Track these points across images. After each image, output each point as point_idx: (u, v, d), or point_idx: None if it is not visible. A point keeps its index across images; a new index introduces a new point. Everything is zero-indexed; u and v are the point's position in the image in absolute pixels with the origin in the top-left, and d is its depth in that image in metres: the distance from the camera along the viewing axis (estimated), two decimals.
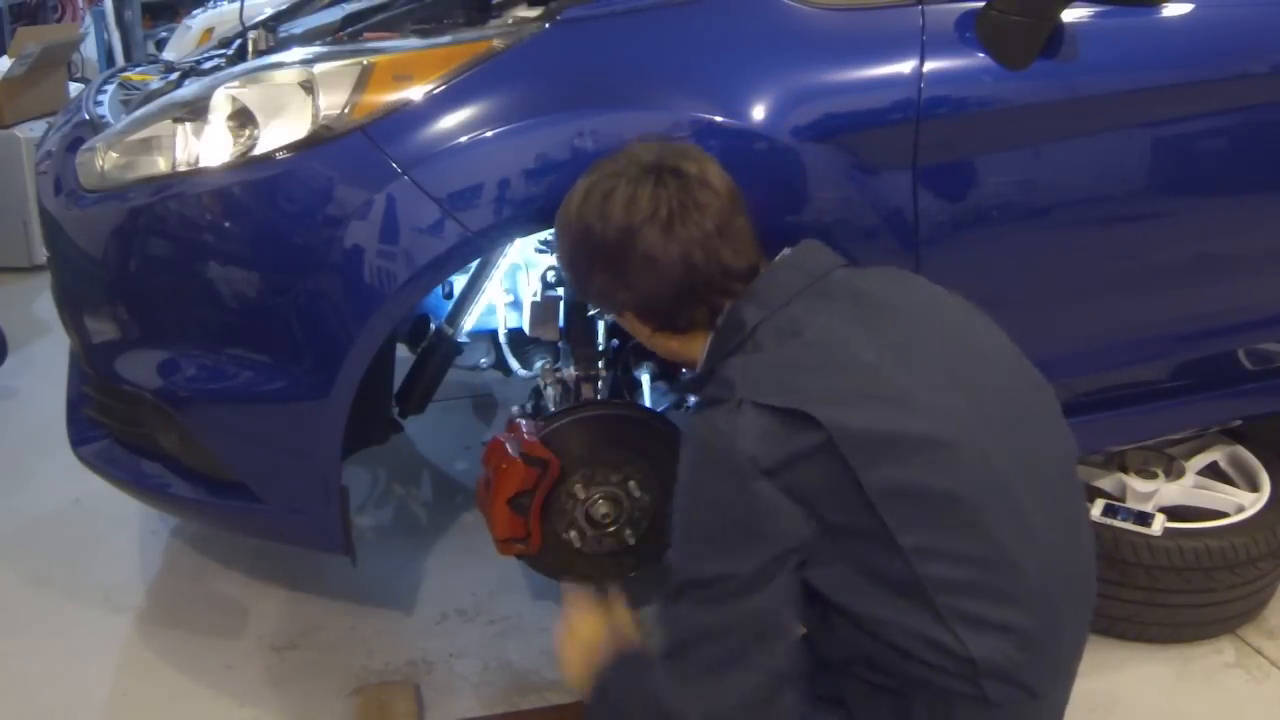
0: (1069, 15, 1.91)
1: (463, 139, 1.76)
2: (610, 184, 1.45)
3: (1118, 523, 2.19)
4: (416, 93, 1.77)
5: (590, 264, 1.47)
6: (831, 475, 1.29)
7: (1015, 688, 1.34)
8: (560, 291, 2.23)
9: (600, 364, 2.19)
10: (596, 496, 1.99)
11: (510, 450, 1.91)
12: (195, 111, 1.85)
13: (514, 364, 2.44)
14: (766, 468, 1.28)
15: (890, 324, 1.42)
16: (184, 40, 5.14)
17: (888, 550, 1.31)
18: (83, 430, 2.19)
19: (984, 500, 1.33)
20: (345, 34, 2.40)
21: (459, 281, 2.22)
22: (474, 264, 2.12)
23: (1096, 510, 2.22)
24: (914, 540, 1.30)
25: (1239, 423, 2.43)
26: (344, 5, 2.74)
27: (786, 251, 1.49)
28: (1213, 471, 2.44)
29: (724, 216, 1.44)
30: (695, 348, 1.49)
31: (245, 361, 1.85)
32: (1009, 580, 1.34)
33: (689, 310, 1.46)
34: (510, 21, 2.02)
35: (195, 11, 5.53)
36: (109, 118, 2.19)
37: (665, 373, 2.46)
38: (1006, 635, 1.33)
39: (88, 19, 6.83)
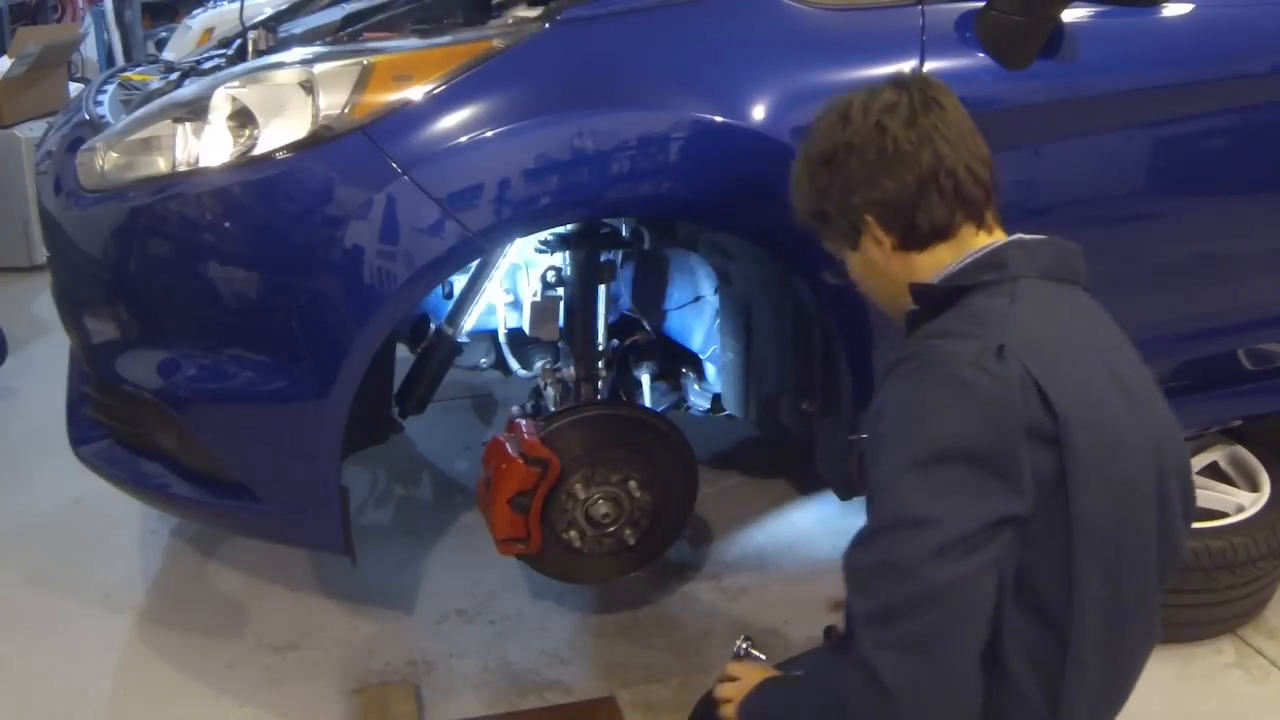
0: (1069, 15, 1.91)
1: (463, 139, 1.76)
2: (847, 99, 1.44)
3: None
4: (416, 93, 1.77)
5: (831, 168, 1.42)
6: (1050, 476, 1.23)
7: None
8: (560, 291, 2.23)
9: (600, 364, 2.19)
10: (596, 496, 1.99)
11: (510, 450, 1.92)
12: (195, 111, 1.85)
13: (514, 364, 2.44)
14: (1031, 427, 1.21)
15: (1093, 324, 1.42)
16: (184, 40, 5.13)
17: (1051, 572, 1.25)
18: (83, 430, 2.19)
19: (1134, 552, 1.30)
20: (345, 34, 2.41)
21: (459, 281, 2.22)
22: (474, 264, 2.12)
23: None
24: (1089, 581, 1.25)
25: (1239, 423, 2.43)
26: (344, 5, 2.74)
27: (1057, 238, 1.46)
28: (1213, 471, 2.44)
29: (965, 123, 1.43)
30: (926, 272, 1.42)
31: (245, 361, 1.85)
32: (1116, 650, 1.30)
33: (934, 211, 1.40)
34: (510, 21, 2.02)
35: (195, 11, 5.53)
36: (109, 118, 2.19)
37: (665, 372, 2.46)
38: (1090, 709, 1.29)
39: (88, 19, 6.83)
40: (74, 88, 4.66)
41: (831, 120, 1.43)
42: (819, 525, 2.67)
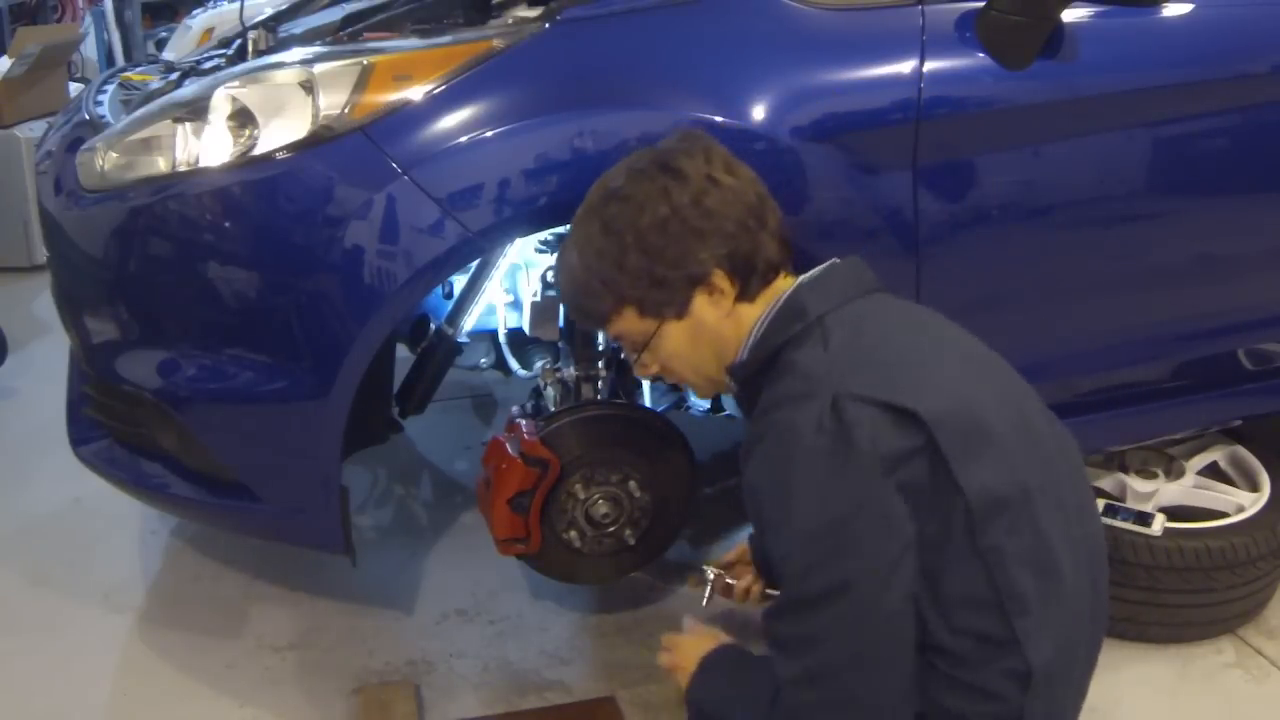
0: (1069, 15, 1.91)
1: (463, 139, 1.76)
2: (650, 164, 1.47)
3: (1118, 523, 2.19)
4: (416, 93, 1.77)
5: (666, 234, 1.43)
6: (931, 474, 1.28)
7: (1047, 701, 1.33)
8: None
9: (600, 364, 2.19)
10: (596, 496, 1.99)
11: (510, 450, 1.91)
12: (195, 111, 1.85)
13: (514, 364, 2.44)
14: (886, 460, 1.25)
15: (938, 336, 1.45)
16: (184, 40, 5.13)
17: (965, 556, 1.29)
18: (83, 430, 2.19)
19: (1040, 500, 1.34)
20: (345, 34, 2.40)
21: (459, 281, 2.21)
22: (474, 264, 2.12)
23: None
24: (990, 542, 1.29)
25: (1239, 423, 2.43)
26: (344, 5, 2.74)
27: (836, 260, 1.50)
28: (1213, 471, 2.44)
29: (754, 184, 1.48)
30: (746, 327, 1.46)
31: (245, 361, 1.85)
32: (1056, 583, 1.34)
33: (770, 250, 1.45)
34: (510, 21, 2.02)
35: (195, 11, 5.53)
36: (109, 118, 2.19)
37: None
38: (1053, 643, 1.32)
39: (88, 19, 6.82)
40: (74, 88, 4.66)
41: (653, 185, 1.44)
42: None
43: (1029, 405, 1.45)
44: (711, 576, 1.78)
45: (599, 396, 2.16)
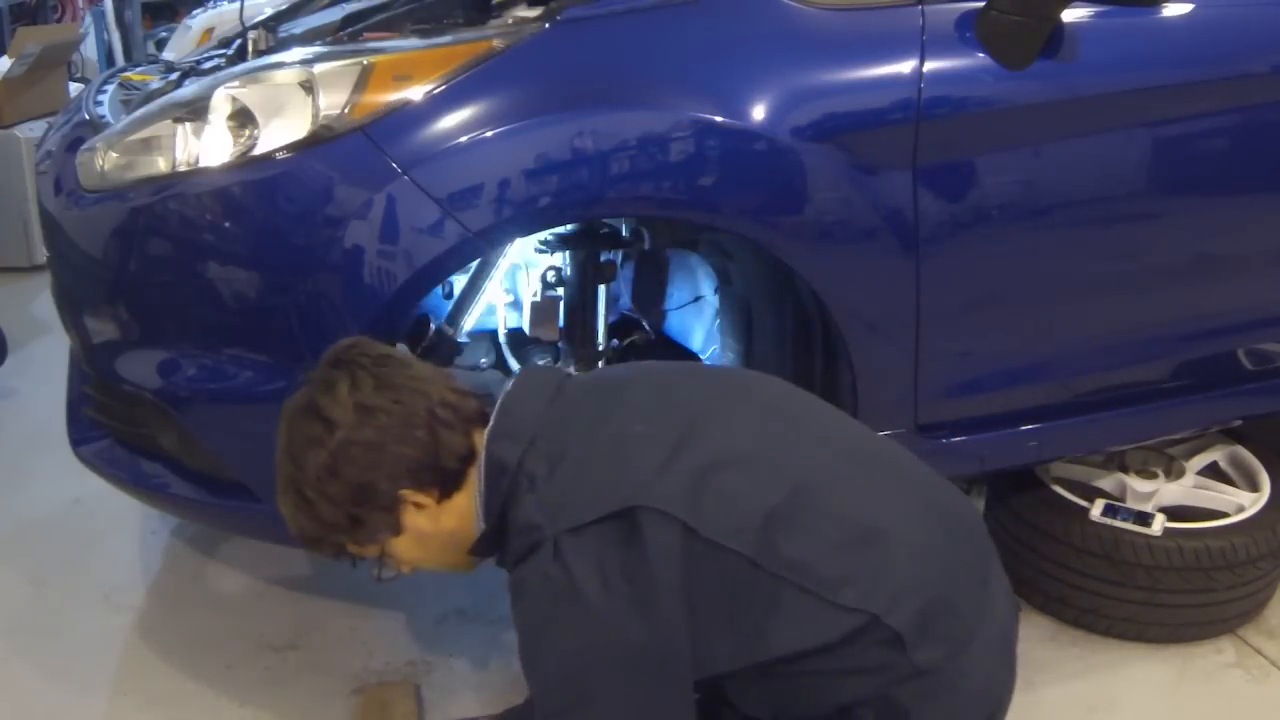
0: (1069, 15, 1.91)
1: (463, 139, 1.76)
2: (304, 408, 1.44)
3: (1118, 523, 2.19)
4: (416, 93, 1.77)
5: (340, 475, 1.40)
6: (684, 548, 1.28)
7: (941, 641, 1.34)
8: (560, 291, 2.23)
9: (600, 364, 2.19)
10: None
11: None
12: (195, 111, 1.85)
13: (514, 364, 2.44)
14: (618, 581, 1.26)
15: (635, 392, 1.45)
16: (184, 40, 5.13)
17: (765, 589, 1.30)
18: (83, 430, 2.19)
19: (813, 487, 1.35)
20: (345, 34, 2.40)
21: (459, 281, 2.21)
22: (474, 264, 2.12)
23: (1096, 510, 2.22)
24: (780, 562, 1.30)
25: (1239, 423, 2.43)
26: (344, 5, 2.74)
27: (508, 386, 1.49)
28: (1213, 471, 2.44)
29: (412, 358, 1.48)
30: (469, 508, 1.44)
31: (245, 361, 1.85)
32: (879, 547, 1.35)
33: (453, 445, 1.42)
34: (510, 21, 2.02)
35: (195, 11, 5.53)
36: (109, 118, 2.19)
37: None
38: (905, 595, 1.33)
39: (88, 19, 6.82)
40: (74, 88, 4.66)
41: (306, 435, 1.41)
42: None
43: (758, 394, 1.47)
44: None
45: None
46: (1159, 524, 2.19)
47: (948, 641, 1.35)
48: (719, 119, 1.79)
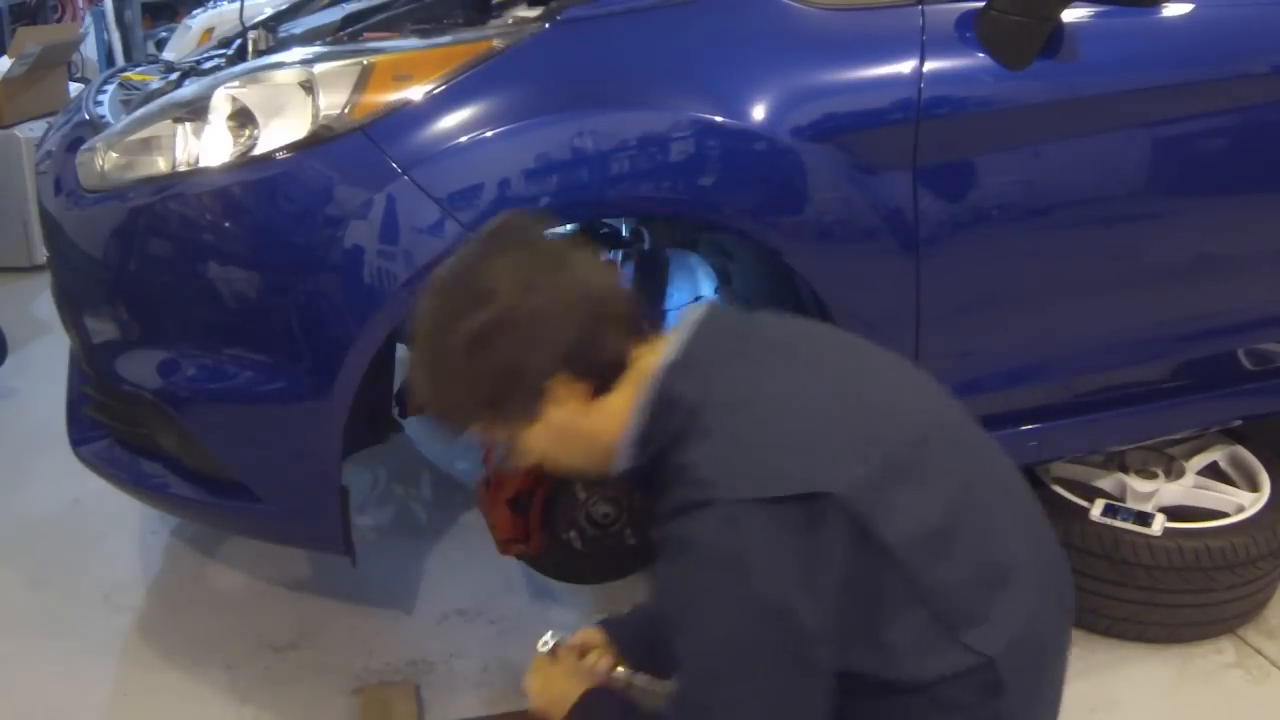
0: (1069, 15, 1.91)
1: (463, 139, 1.76)
2: (463, 273, 1.35)
3: (1118, 523, 2.19)
4: (416, 93, 1.77)
5: (490, 348, 1.30)
6: (850, 543, 1.23)
7: (1025, 690, 1.32)
8: None
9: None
10: (597, 497, 1.99)
11: None
12: (195, 111, 1.85)
13: None
14: (788, 561, 1.20)
15: (828, 360, 1.38)
16: (184, 40, 5.14)
17: (907, 605, 1.26)
18: (83, 430, 2.19)
19: (964, 510, 1.31)
20: (345, 34, 2.41)
21: None
22: None
23: (1097, 510, 2.22)
24: (930, 581, 1.26)
25: (1239, 423, 2.43)
26: (344, 5, 2.74)
27: (691, 317, 1.38)
28: (1213, 471, 2.44)
29: (577, 248, 1.37)
30: (617, 425, 1.34)
31: (245, 361, 1.85)
32: (1008, 591, 1.32)
33: (610, 342, 1.32)
34: (510, 21, 2.02)
35: (195, 11, 5.53)
36: (109, 118, 2.19)
37: None
38: (1017, 645, 1.31)
39: (88, 19, 6.82)
40: (74, 88, 4.66)
41: (460, 302, 1.31)
42: None
43: (928, 401, 1.41)
44: (552, 643, 1.68)
45: None
46: (1159, 524, 2.19)
47: (1029, 691, 1.33)
48: (719, 119, 1.79)
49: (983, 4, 1.90)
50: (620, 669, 1.64)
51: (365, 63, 1.81)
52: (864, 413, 1.31)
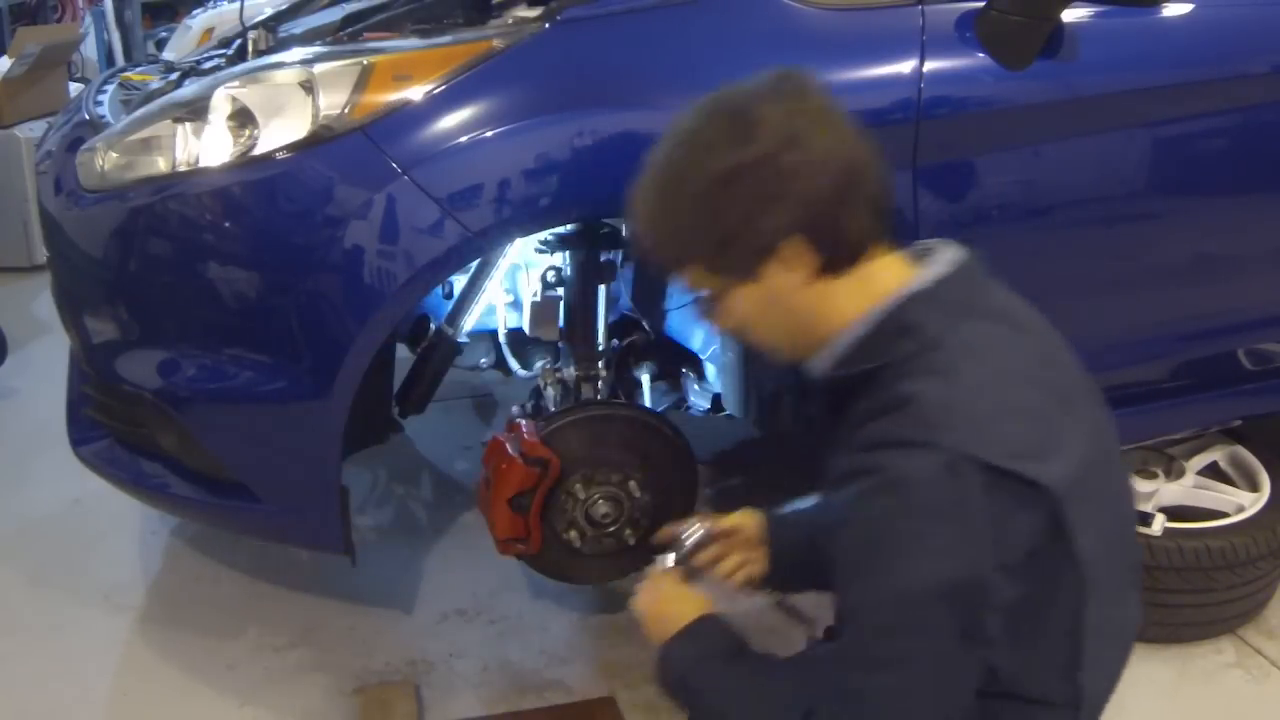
0: (1069, 15, 1.91)
1: (463, 139, 1.76)
2: (732, 105, 1.27)
3: None
4: (416, 93, 1.77)
5: (733, 188, 1.22)
6: (1049, 544, 1.19)
7: (1100, 709, 1.35)
8: (560, 291, 2.23)
9: (600, 364, 2.19)
10: (596, 496, 1.99)
11: (510, 450, 1.91)
12: (195, 111, 1.85)
13: (514, 364, 2.44)
14: (1000, 534, 1.15)
15: (1034, 351, 1.31)
16: (184, 40, 5.13)
17: (1062, 631, 1.24)
18: (83, 430, 2.19)
19: (1118, 542, 1.31)
20: (345, 34, 2.40)
21: (459, 281, 2.22)
22: (474, 264, 2.12)
23: None
24: (1092, 618, 1.24)
25: (1239, 423, 2.43)
26: (344, 5, 2.74)
27: (952, 254, 1.31)
28: (1213, 471, 2.44)
29: (856, 127, 1.29)
30: (839, 318, 1.27)
31: (245, 361, 1.85)
32: (1115, 648, 1.32)
33: (859, 222, 1.24)
34: (510, 21, 2.02)
35: (195, 11, 5.52)
36: (109, 118, 2.19)
37: (665, 372, 2.46)
38: (1098, 698, 1.32)
39: (88, 19, 6.82)
40: (74, 88, 4.66)
41: (720, 133, 1.24)
42: None
43: (1111, 426, 1.35)
44: (700, 532, 1.55)
45: (599, 396, 2.16)
46: (1159, 524, 2.19)
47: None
48: None
49: (983, 4, 1.90)
50: (756, 594, 1.48)
51: (365, 63, 1.81)
52: (1075, 416, 1.26)
